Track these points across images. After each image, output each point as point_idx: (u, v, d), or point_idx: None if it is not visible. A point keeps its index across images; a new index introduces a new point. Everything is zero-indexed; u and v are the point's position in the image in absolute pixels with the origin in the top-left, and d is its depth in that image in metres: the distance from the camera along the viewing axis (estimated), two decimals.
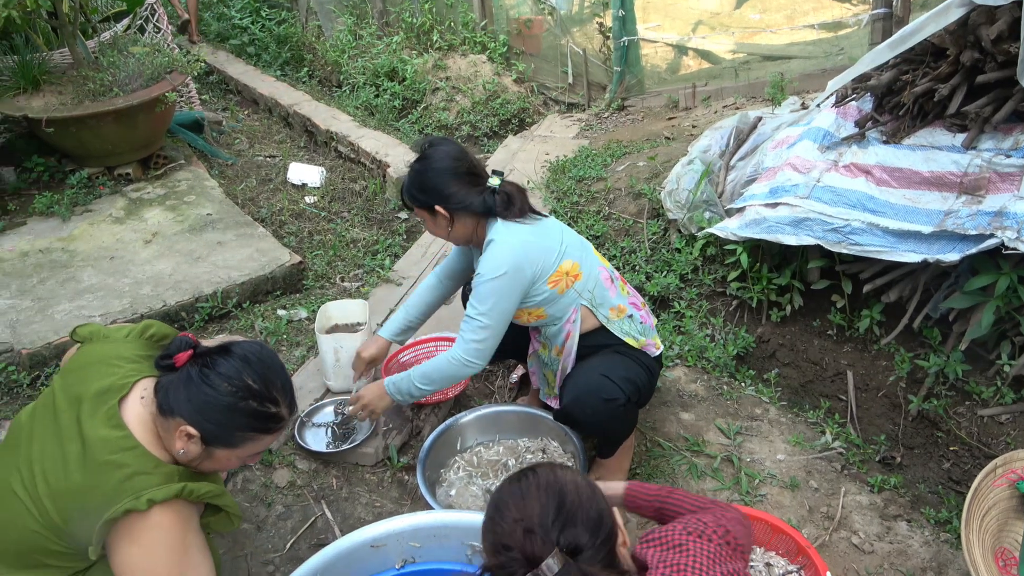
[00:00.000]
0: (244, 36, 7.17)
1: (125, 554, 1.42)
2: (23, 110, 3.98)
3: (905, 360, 2.72)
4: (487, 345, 2.15)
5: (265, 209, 4.32)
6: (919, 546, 2.15)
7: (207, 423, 1.49)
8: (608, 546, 1.21)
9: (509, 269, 2.07)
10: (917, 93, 2.68)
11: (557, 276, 2.15)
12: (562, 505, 1.20)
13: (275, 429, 1.58)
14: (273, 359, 1.60)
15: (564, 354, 2.24)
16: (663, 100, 5.48)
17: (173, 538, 1.44)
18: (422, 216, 2.23)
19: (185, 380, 1.51)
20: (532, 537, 1.17)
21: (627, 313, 2.27)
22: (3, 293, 3.28)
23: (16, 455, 1.54)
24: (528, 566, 1.14)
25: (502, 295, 2.09)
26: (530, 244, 2.12)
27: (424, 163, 2.16)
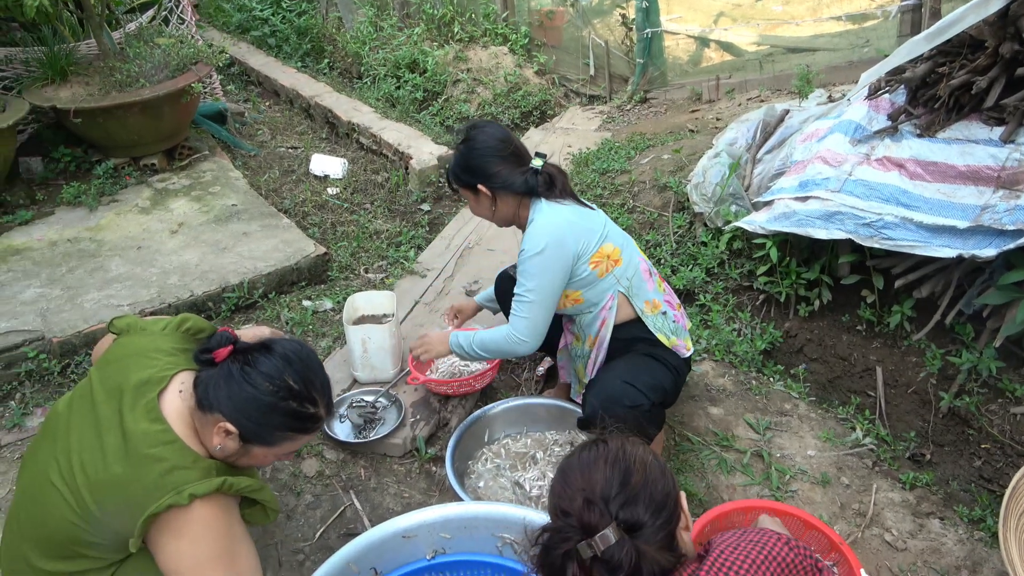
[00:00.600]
0: (265, 27, 7.18)
1: (172, 548, 1.43)
2: (51, 101, 4.02)
3: (936, 356, 2.69)
4: (536, 321, 2.17)
5: (288, 200, 4.34)
6: (953, 544, 2.13)
7: (246, 421, 1.50)
8: (668, 528, 1.20)
9: (548, 244, 2.10)
10: (954, 86, 2.63)
11: (598, 257, 2.17)
12: (626, 481, 1.20)
13: (312, 429, 1.59)
14: (313, 359, 1.61)
15: (597, 345, 2.24)
16: (686, 92, 5.44)
17: (218, 530, 1.45)
18: (466, 196, 2.29)
19: (226, 376, 1.52)
20: (591, 508, 1.18)
21: (661, 310, 2.26)
22: (33, 282, 3.31)
23: (54, 445, 1.55)
24: (583, 535, 1.16)
25: (545, 269, 2.12)
26: (573, 223, 2.16)
27: (469, 144, 2.22)
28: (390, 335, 2.65)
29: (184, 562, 1.43)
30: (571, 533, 1.17)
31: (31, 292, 3.24)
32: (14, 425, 2.67)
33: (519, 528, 1.89)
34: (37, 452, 1.62)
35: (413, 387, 2.70)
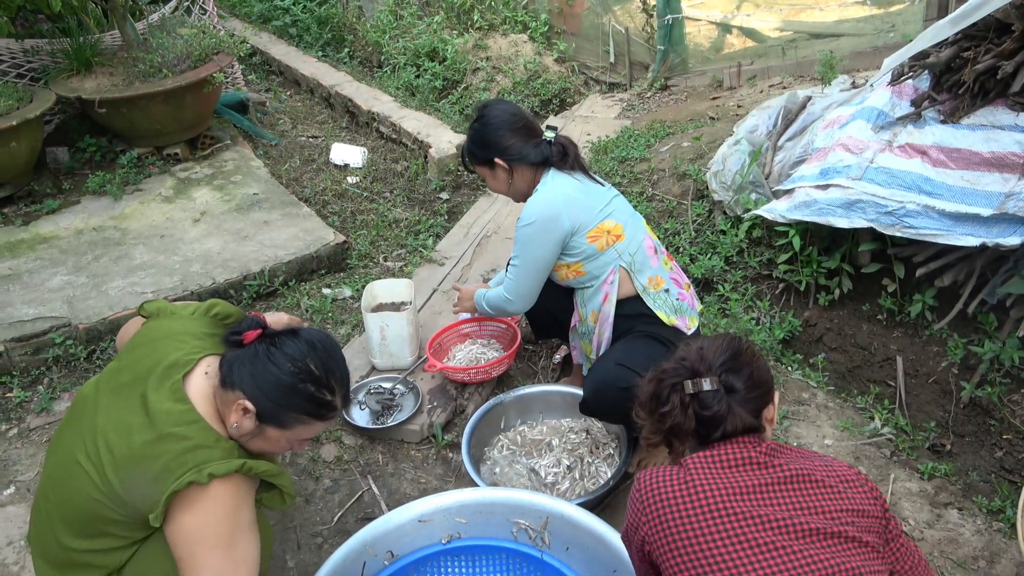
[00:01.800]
0: (286, 17, 7.21)
1: (179, 522, 1.46)
2: (76, 91, 4.08)
3: (958, 346, 2.66)
4: (522, 286, 2.30)
5: (309, 189, 4.37)
6: (971, 534, 2.12)
7: (265, 400, 1.53)
8: (757, 404, 1.47)
9: (538, 217, 2.18)
10: (979, 70, 2.59)
11: (597, 232, 2.21)
12: (735, 356, 1.48)
13: (327, 416, 1.62)
14: (336, 350, 1.66)
15: (601, 320, 2.25)
16: (707, 79, 5.39)
17: (226, 511, 1.47)
18: (482, 173, 2.35)
19: (251, 356, 1.56)
20: (703, 360, 1.47)
21: (664, 287, 2.26)
22: (60, 270, 3.38)
23: (81, 426, 1.59)
24: (689, 375, 1.45)
25: (532, 241, 2.22)
26: (572, 198, 2.21)
27: (482, 121, 2.30)
28: (408, 323, 2.67)
29: (187, 536, 1.45)
30: (682, 372, 1.47)
31: (58, 279, 3.30)
32: (42, 409, 2.74)
33: (534, 514, 1.91)
34: (64, 433, 1.66)
35: (430, 374, 2.72)
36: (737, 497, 1.36)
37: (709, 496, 1.36)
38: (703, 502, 1.35)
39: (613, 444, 2.42)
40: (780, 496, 1.37)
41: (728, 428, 1.44)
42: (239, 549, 1.48)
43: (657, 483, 1.42)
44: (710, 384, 1.44)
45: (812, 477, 1.39)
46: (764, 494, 1.37)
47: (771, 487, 1.38)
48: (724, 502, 1.35)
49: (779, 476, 1.39)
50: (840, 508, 1.37)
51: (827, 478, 1.40)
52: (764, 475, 1.39)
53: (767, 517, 1.33)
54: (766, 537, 1.31)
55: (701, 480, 1.39)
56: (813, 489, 1.39)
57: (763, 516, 1.33)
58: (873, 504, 1.39)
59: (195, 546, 1.44)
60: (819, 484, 1.39)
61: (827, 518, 1.35)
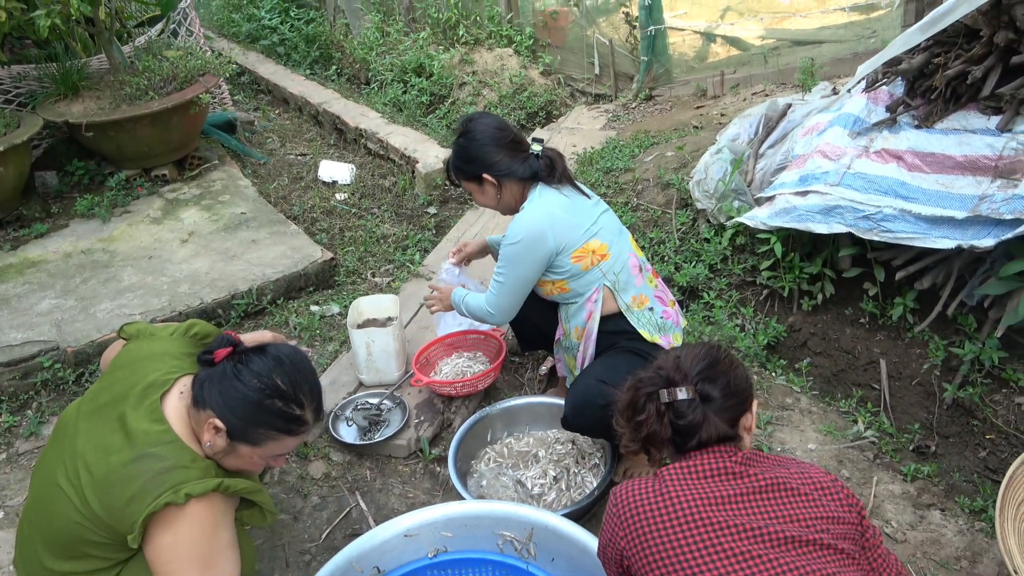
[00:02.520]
0: (273, 36, 7.26)
1: (157, 541, 1.47)
2: (64, 116, 4.11)
3: (939, 348, 2.69)
4: (503, 302, 2.29)
5: (297, 207, 4.40)
6: (953, 535, 2.13)
7: (233, 417, 1.54)
8: (734, 413, 1.48)
9: (524, 237, 2.18)
10: (950, 76, 2.63)
11: (582, 252, 2.21)
12: (712, 365, 1.49)
13: (297, 432, 1.61)
14: (305, 363, 1.65)
15: (585, 337, 2.26)
16: (691, 89, 5.44)
17: (203, 530, 1.48)
18: (469, 188, 2.34)
19: (220, 375, 1.57)
20: (679, 370, 1.49)
21: (648, 305, 2.28)
22: (48, 293, 3.39)
23: (62, 449, 1.61)
24: (664, 384, 1.48)
25: (517, 259, 2.21)
26: (557, 217, 2.19)
27: (468, 136, 2.27)
28: (394, 338, 2.69)
29: (164, 555, 1.46)
30: (658, 382, 1.49)
31: (46, 303, 3.32)
32: (31, 433, 2.75)
33: (519, 526, 1.92)
34: (46, 456, 1.68)
35: (418, 389, 2.74)
36: (713, 507, 1.38)
37: (685, 507, 1.38)
38: (679, 513, 1.37)
39: (599, 454, 2.44)
40: (756, 505, 1.39)
41: (703, 437, 1.45)
42: (217, 569, 1.48)
43: (633, 496, 1.43)
44: (685, 393, 1.45)
45: (787, 485, 1.41)
46: (740, 504, 1.39)
47: (747, 496, 1.40)
48: (700, 513, 1.37)
49: (754, 485, 1.41)
50: (815, 516, 1.38)
51: (802, 486, 1.42)
52: (740, 485, 1.41)
53: (743, 526, 1.34)
54: (742, 546, 1.32)
55: (677, 491, 1.41)
56: (788, 497, 1.41)
57: (739, 525, 1.35)
58: (848, 511, 1.41)
59: (172, 564, 1.45)
60: (794, 492, 1.41)
61: (802, 526, 1.36)
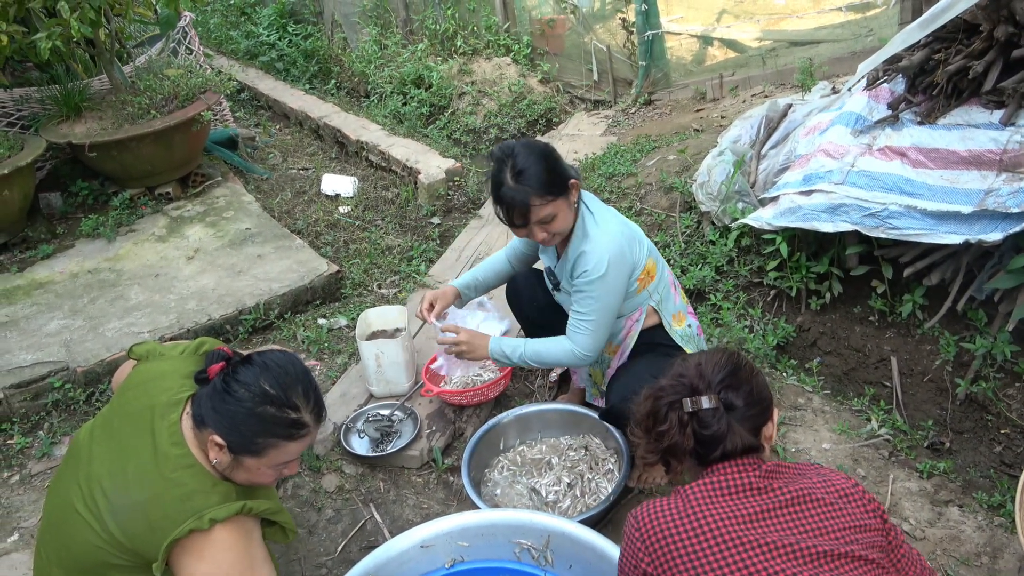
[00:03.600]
0: (272, 52, 7.30)
1: (194, 571, 1.46)
2: (67, 137, 4.12)
3: (951, 343, 2.68)
4: (599, 337, 2.14)
5: (301, 221, 4.41)
6: (972, 531, 2.12)
7: (230, 432, 1.51)
8: (756, 422, 1.45)
9: (611, 263, 2.05)
10: (951, 71, 2.63)
11: (643, 274, 2.17)
12: (735, 372, 1.46)
13: (298, 436, 1.57)
14: (294, 365, 1.60)
15: (619, 353, 2.26)
16: (690, 92, 5.45)
17: (238, 553, 1.48)
18: (556, 210, 2.05)
19: (212, 391, 1.55)
20: (701, 377, 1.45)
21: (686, 322, 2.29)
22: (56, 314, 3.40)
23: (76, 473, 1.59)
24: (688, 393, 1.44)
25: (608, 291, 2.09)
26: (627, 236, 2.13)
27: (528, 155, 2.03)
28: (403, 349, 2.69)
29: None
30: (680, 390, 1.45)
31: (55, 324, 3.32)
32: (43, 455, 2.74)
33: (536, 533, 1.92)
34: (60, 480, 1.67)
35: (428, 399, 2.73)
36: (741, 526, 1.33)
37: (712, 526, 1.33)
38: (707, 533, 1.33)
39: (613, 459, 2.43)
40: (784, 521, 1.35)
41: (727, 447, 1.41)
42: None
43: (657, 517, 1.38)
44: (709, 402, 1.41)
45: (812, 496, 1.38)
46: (768, 520, 1.34)
47: (774, 512, 1.35)
48: (729, 532, 1.32)
49: (780, 500, 1.37)
50: (843, 526, 1.35)
51: (826, 495, 1.38)
52: (765, 500, 1.37)
53: (774, 544, 1.30)
54: (775, 565, 1.28)
55: (702, 510, 1.36)
56: (814, 509, 1.37)
57: (770, 543, 1.31)
58: (873, 517, 1.38)
59: None
60: (820, 503, 1.38)
61: (832, 538, 1.33)
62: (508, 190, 2.02)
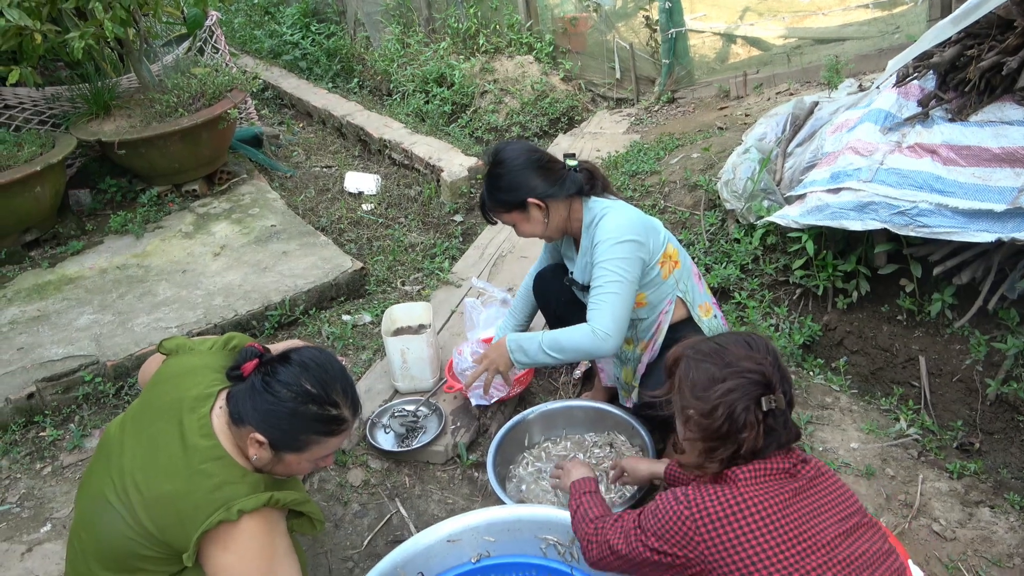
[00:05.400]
0: (296, 51, 7.36)
1: (219, 561, 1.48)
2: (96, 135, 4.19)
3: (981, 343, 2.64)
4: (619, 315, 2.05)
5: (325, 218, 4.44)
6: (1004, 532, 2.09)
7: (273, 430, 1.54)
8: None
9: (632, 235, 2.06)
10: (984, 67, 2.60)
11: (664, 257, 2.16)
12: (778, 359, 1.45)
13: (338, 431, 1.61)
14: (331, 363, 1.64)
15: (649, 348, 2.25)
16: (713, 90, 5.43)
17: (263, 544, 1.50)
18: (512, 220, 2.21)
19: (251, 390, 1.57)
20: (776, 370, 1.41)
21: (713, 313, 2.28)
22: (86, 309, 3.45)
23: (108, 465, 1.62)
24: (764, 389, 1.38)
25: (629, 258, 2.05)
26: (643, 218, 2.14)
27: (501, 166, 2.17)
28: (428, 345, 2.70)
29: (229, 574, 1.48)
30: (752, 389, 1.38)
31: (85, 319, 3.37)
32: (74, 447, 2.79)
33: (562, 530, 1.92)
34: (92, 473, 1.69)
35: (452, 395, 2.74)
36: (782, 509, 1.37)
37: (762, 513, 1.36)
38: (759, 521, 1.35)
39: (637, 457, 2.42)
40: (811, 498, 1.41)
41: (782, 440, 1.41)
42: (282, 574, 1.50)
43: (711, 503, 1.38)
44: (782, 399, 1.39)
45: (822, 470, 1.48)
46: (800, 500, 1.40)
47: (803, 492, 1.41)
48: (775, 518, 1.36)
49: (807, 477, 1.43)
50: (845, 494, 1.46)
51: (827, 469, 1.51)
52: (797, 480, 1.42)
53: (814, 529, 1.36)
54: (823, 538, 1.35)
55: (752, 497, 1.37)
56: (829, 482, 1.45)
57: (810, 514, 1.38)
58: None
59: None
60: (829, 476, 1.48)
61: (850, 508, 1.42)
62: (481, 192, 2.25)
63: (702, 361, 1.45)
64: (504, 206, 2.18)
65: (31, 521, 2.48)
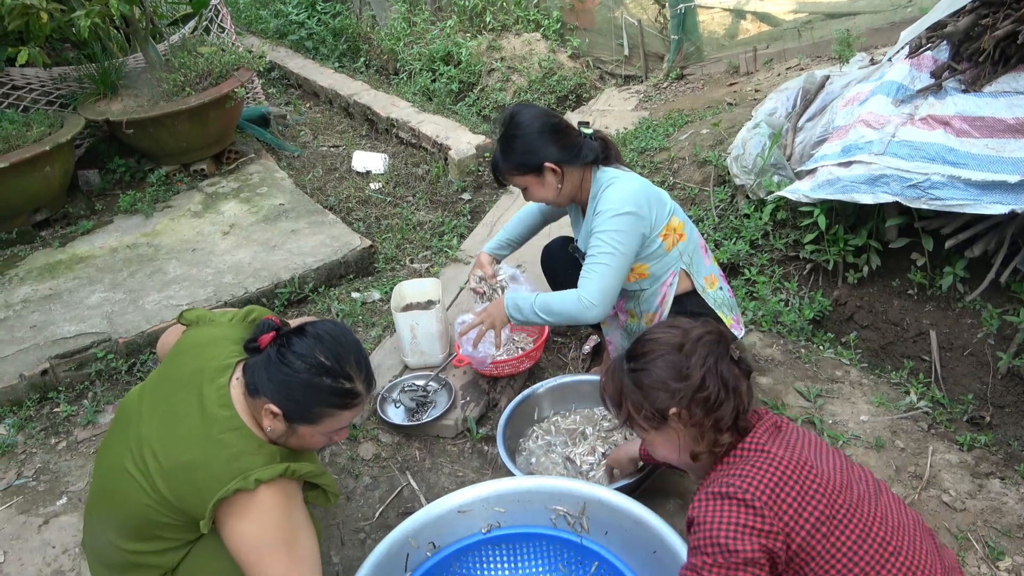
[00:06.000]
0: (301, 31, 7.32)
1: (237, 530, 1.50)
2: (104, 114, 4.19)
3: (993, 316, 2.63)
4: (607, 286, 2.06)
5: (333, 197, 4.44)
6: (1014, 503, 2.09)
7: (287, 401, 1.55)
8: None
9: (633, 207, 2.06)
10: (998, 37, 2.56)
11: (667, 230, 2.15)
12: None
13: (352, 404, 1.61)
14: (346, 337, 1.64)
15: (655, 321, 2.24)
16: (723, 66, 5.38)
17: (280, 513, 1.52)
18: (526, 183, 2.18)
19: (266, 361, 1.58)
20: (709, 325, 1.47)
21: (718, 285, 2.27)
22: (97, 287, 3.47)
23: (126, 434, 1.64)
24: (726, 342, 1.43)
25: (626, 230, 2.06)
26: (648, 190, 2.14)
27: (517, 129, 2.13)
28: (437, 320, 2.71)
29: (248, 542, 1.49)
30: (712, 344, 1.42)
31: (96, 297, 3.39)
32: (88, 422, 2.82)
33: (572, 500, 1.93)
34: (110, 442, 1.71)
35: (462, 370, 2.75)
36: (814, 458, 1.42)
37: (805, 466, 1.38)
38: (806, 474, 1.36)
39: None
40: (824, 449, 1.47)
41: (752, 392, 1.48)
42: (300, 546, 1.52)
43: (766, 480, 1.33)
44: (740, 345, 1.46)
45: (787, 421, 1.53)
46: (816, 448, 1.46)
47: (813, 441, 1.47)
48: (811, 464, 1.39)
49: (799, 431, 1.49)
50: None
51: None
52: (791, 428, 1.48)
53: (840, 468, 1.43)
54: (865, 488, 1.41)
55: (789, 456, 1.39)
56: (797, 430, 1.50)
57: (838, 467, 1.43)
58: None
59: (259, 550, 1.49)
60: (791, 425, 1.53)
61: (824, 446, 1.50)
62: (494, 153, 2.20)
63: (652, 363, 1.44)
64: (519, 169, 2.15)
65: (47, 494, 2.51)
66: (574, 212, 2.40)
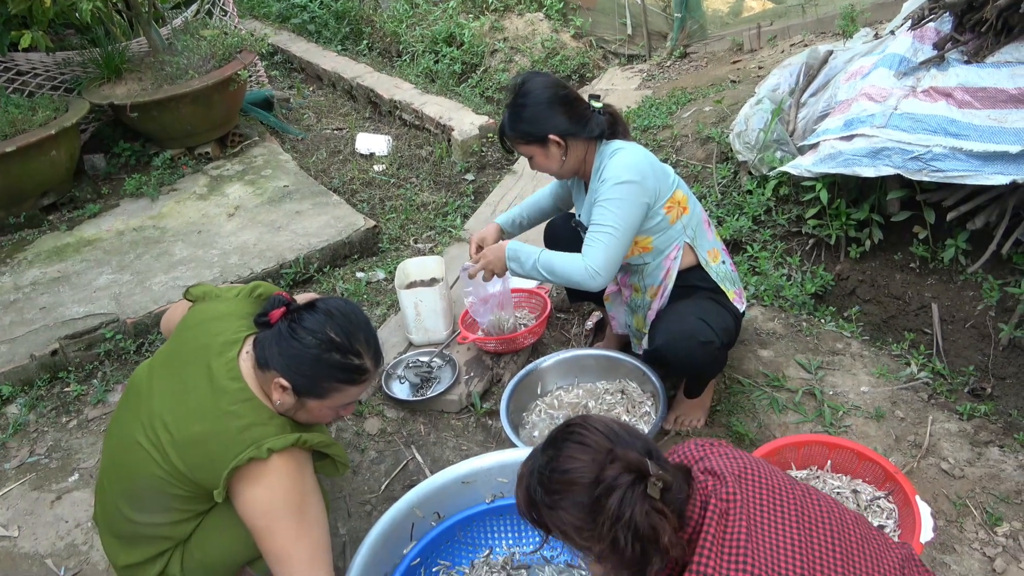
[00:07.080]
0: (304, 14, 7.29)
1: (250, 496, 1.53)
2: (108, 98, 4.20)
3: (994, 288, 2.63)
4: (612, 255, 2.05)
5: (337, 179, 4.45)
6: (1012, 470, 2.11)
7: (297, 375, 1.58)
8: None
9: (637, 177, 2.04)
10: (1001, 6, 2.54)
11: (671, 203, 2.14)
12: (616, 433, 1.26)
13: (360, 380, 1.64)
14: (356, 314, 1.67)
15: (659, 295, 2.26)
16: (727, 44, 5.35)
17: (292, 481, 1.55)
18: (530, 152, 2.17)
19: (277, 335, 1.60)
20: (624, 443, 1.22)
21: (721, 259, 2.28)
22: (105, 269, 3.51)
23: (137, 408, 1.67)
24: (639, 476, 1.17)
25: (630, 198, 2.04)
26: (652, 162, 2.13)
27: (526, 97, 2.11)
28: (441, 297, 2.73)
29: (260, 508, 1.53)
30: (632, 486, 1.15)
31: (104, 278, 3.43)
32: (98, 401, 2.86)
33: None
34: (121, 416, 1.74)
35: (466, 347, 2.78)
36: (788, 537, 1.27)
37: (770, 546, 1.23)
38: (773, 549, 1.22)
39: (649, 403, 2.45)
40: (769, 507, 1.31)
41: (688, 493, 1.25)
42: (309, 513, 1.56)
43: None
44: (658, 471, 1.19)
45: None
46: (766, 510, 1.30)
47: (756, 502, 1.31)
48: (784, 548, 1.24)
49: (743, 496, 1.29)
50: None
51: None
52: (749, 503, 1.30)
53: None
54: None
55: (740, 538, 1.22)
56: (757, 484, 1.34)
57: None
58: None
59: (270, 515, 1.52)
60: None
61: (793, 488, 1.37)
62: (502, 118, 2.18)
63: (560, 499, 1.20)
64: (523, 138, 2.14)
65: (59, 471, 2.56)
66: (576, 186, 2.41)
